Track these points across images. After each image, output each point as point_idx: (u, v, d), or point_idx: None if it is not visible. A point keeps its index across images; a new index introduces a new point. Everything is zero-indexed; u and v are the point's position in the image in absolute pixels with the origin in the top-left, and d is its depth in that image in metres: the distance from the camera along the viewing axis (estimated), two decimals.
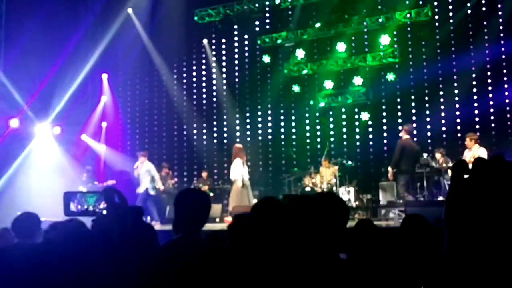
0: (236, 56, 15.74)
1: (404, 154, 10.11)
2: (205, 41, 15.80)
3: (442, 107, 13.29)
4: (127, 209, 1.97)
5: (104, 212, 2.09)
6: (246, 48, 15.71)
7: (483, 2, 13.05)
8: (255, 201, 12.41)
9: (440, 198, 10.62)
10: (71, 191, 2.23)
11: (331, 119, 14.60)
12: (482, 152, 9.57)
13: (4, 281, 2.56)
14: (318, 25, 14.42)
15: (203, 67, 16.01)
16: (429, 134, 13.22)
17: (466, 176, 1.82)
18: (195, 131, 15.91)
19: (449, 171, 10.74)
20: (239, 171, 10.46)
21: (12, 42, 12.89)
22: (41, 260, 2.74)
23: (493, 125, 12.64)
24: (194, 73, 16.10)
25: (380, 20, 13.81)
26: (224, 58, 15.97)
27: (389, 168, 10.40)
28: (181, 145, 15.98)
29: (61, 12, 13.59)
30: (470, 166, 7.77)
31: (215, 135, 15.70)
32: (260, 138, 15.25)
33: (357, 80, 14.02)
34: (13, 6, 12.97)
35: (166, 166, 13.85)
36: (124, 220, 1.95)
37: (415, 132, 13.03)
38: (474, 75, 12.94)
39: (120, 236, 2.10)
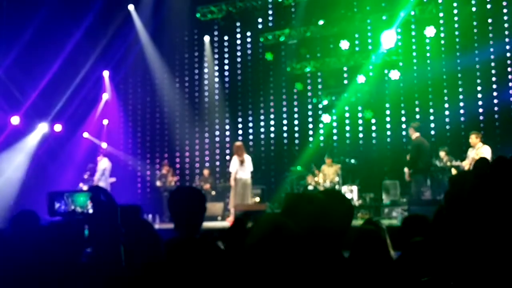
0: (239, 53, 15.69)
1: (420, 152, 10.01)
2: (206, 38, 15.73)
3: (446, 105, 13.19)
4: (115, 207, 1.90)
5: (91, 211, 2.02)
6: (249, 46, 15.64)
7: None
8: (256, 199, 12.40)
9: None
10: (56, 191, 2.14)
11: (334, 117, 14.51)
12: (486, 150, 9.50)
13: None
14: (321, 22, 14.33)
15: (205, 64, 15.95)
16: (432, 132, 13.12)
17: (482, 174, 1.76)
18: (197, 129, 15.86)
19: (453, 170, 10.66)
20: (231, 168, 10.48)
21: (13, 40, 12.86)
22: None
23: (497, 123, 12.56)
24: (196, 71, 16.05)
25: (383, 17, 13.71)
26: (226, 55, 15.91)
27: (406, 169, 10.13)
28: (183, 142, 15.93)
29: (62, 8, 13.55)
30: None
31: (217, 132, 15.65)
32: (262, 136, 15.18)
33: (361, 78, 13.93)
34: (14, 3, 12.93)
35: (167, 163, 13.79)
36: (113, 218, 1.89)
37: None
38: (478, 73, 12.85)
39: (111, 235, 2.04)
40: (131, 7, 15.13)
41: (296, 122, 15.02)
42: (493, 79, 12.76)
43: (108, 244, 1.96)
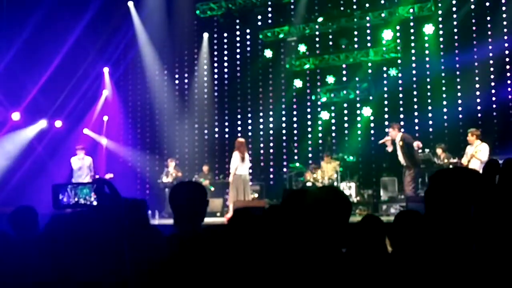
0: (238, 50, 15.71)
1: (413, 148, 10.07)
2: (205, 35, 15.75)
3: (445, 102, 13.23)
4: (119, 200, 1.93)
5: (95, 203, 2.05)
6: (248, 43, 15.65)
7: None
8: (255, 196, 12.45)
9: None
10: (60, 183, 2.18)
11: (333, 114, 14.54)
12: (484, 148, 9.57)
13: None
14: (320, 19, 14.35)
15: (205, 61, 15.97)
16: (431, 129, 13.17)
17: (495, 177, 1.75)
18: (196, 125, 15.89)
19: (451, 167, 10.72)
20: (232, 164, 10.46)
21: (14, 36, 12.88)
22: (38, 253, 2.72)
23: (495, 120, 12.59)
24: (196, 67, 16.05)
25: (382, 15, 13.74)
26: (226, 52, 15.92)
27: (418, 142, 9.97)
28: (182, 139, 15.96)
29: (63, 4, 13.58)
30: (473, 162, 7.57)
31: (216, 129, 15.68)
32: (261, 133, 15.21)
33: (359, 75, 13.96)
34: None
35: (173, 160, 13.84)
36: (117, 211, 1.92)
37: (417, 127, 13.03)
38: (477, 71, 12.88)
39: (115, 228, 2.07)
40: (130, 3, 15.16)
41: (295, 119, 15.04)
42: (492, 76, 12.79)
43: (112, 237, 1.98)
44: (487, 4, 12.94)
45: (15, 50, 12.80)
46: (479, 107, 12.73)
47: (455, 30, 13.20)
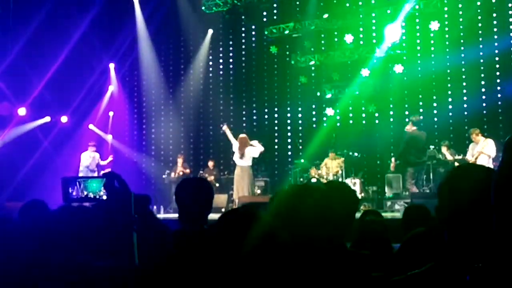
0: (243, 46, 15.73)
1: (409, 145, 10.08)
2: (209, 31, 15.76)
3: (450, 99, 13.21)
4: (129, 194, 1.94)
5: (104, 197, 2.06)
6: (254, 39, 15.68)
7: None
8: (258, 192, 12.49)
9: None
10: (69, 176, 2.20)
11: (337, 110, 14.54)
12: (491, 143, 9.64)
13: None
14: (325, 16, 14.34)
15: (210, 57, 16.00)
16: (436, 126, 13.15)
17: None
18: (201, 121, 15.94)
19: (456, 164, 10.73)
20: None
21: (20, 31, 12.93)
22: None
23: (500, 117, 12.55)
24: (201, 63, 16.07)
25: (388, 11, 13.71)
26: (231, 48, 15.94)
27: (392, 159, 10.43)
28: (187, 134, 16.01)
29: (69, 0, 13.64)
30: (481, 157, 7.55)
31: (221, 125, 15.69)
32: (266, 128, 15.24)
33: (364, 72, 13.95)
34: None
35: (182, 156, 13.92)
36: (126, 205, 1.93)
37: (422, 124, 13.00)
38: (482, 67, 12.84)
39: (124, 222, 2.09)
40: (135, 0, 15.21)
41: (300, 115, 15.06)
42: (497, 73, 12.76)
43: (121, 231, 1.99)
44: (493, 0, 12.88)
45: (21, 46, 12.86)
46: (484, 104, 12.69)
47: (461, 26, 13.14)
